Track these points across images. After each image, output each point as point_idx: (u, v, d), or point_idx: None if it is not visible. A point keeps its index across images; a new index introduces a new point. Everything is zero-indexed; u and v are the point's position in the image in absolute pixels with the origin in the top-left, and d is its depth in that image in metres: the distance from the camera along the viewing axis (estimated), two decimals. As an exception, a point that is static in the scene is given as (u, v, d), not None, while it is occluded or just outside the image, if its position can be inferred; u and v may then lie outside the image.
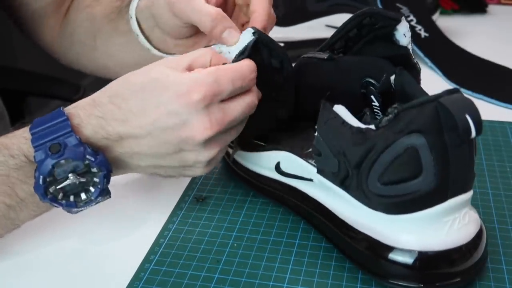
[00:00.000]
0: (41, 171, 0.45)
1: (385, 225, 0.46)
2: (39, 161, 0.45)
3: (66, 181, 0.46)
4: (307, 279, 0.48)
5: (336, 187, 0.48)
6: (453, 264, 0.45)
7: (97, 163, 0.46)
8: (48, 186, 0.46)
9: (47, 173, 0.45)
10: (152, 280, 0.49)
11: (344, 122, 0.46)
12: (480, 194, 0.57)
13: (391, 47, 0.52)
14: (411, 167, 0.43)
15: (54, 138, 0.46)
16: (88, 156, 0.46)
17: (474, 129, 0.42)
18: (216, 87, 0.46)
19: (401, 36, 0.51)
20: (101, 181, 0.47)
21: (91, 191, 0.48)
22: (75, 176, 0.46)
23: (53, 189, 0.46)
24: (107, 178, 0.47)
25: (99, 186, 0.47)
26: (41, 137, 0.46)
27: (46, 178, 0.46)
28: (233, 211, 0.56)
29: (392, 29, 0.51)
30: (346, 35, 0.53)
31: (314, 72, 0.55)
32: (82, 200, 0.48)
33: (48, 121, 0.47)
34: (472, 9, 1.07)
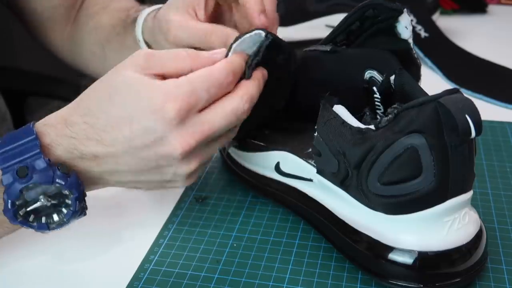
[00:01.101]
0: (9, 195, 0.43)
1: (385, 225, 0.46)
2: (6, 184, 0.43)
3: (36, 204, 0.44)
4: (307, 279, 0.48)
5: (336, 187, 0.48)
6: (453, 264, 0.45)
7: (67, 186, 0.44)
8: (17, 209, 0.44)
9: (15, 197, 0.44)
10: (151, 280, 0.49)
11: (344, 122, 0.46)
12: (480, 194, 0.57)
13: (392, 41, 0.52)
14: (411, 167, 0.43)
15: (21, 160, 0.44)
16: (58, 180, 0.44)
17: (474, 129, 0.42)
18: (191, 99, 0.44)
19: (402, 29, 0.51)
20: (73, 204, 0.45)
21: (64, 212, 0.46)
22: (46, 198, 0.44)
23: (23, 212, 0.45)
24: (79, 200, 0.45)
25: (71, 208, 0.45)
26: (9, 158, 0.44)
27: (15, 202, 0.44)
28: (233, 211, 0.56)
29: (395, 20, 0.51)
30: (349, 28, 0.53)
31: (317, 65, 0.55)
32: (54, 222, 0.46)
33: (18, 139, 0.44)
34: (472, 9, 1.07)
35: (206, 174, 0.62)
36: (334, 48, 0.54)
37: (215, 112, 0.45)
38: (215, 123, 0.45)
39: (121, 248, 0.53)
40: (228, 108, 0.46)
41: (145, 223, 0.56)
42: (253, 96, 0.47)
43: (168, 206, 0.57)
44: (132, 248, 0.53)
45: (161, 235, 0.54)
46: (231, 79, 0.46)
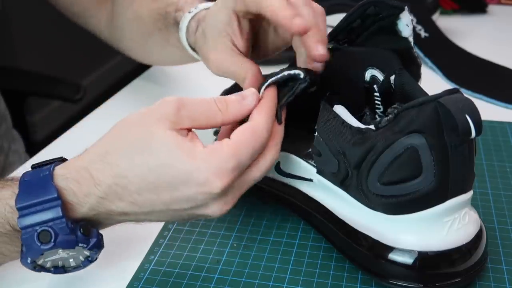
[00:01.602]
0: (30, 254, 0.43)
1: (385, 225, 0.46)
2: (27, 245, 0.42)
3: (54, 256, 0.44)
4: (307, 279, 0.48)
5: (336, 187, 0.48)
6: (453, 264, 0.45)
7: (89, 248, 0.44)
8: (36, 261, 0.44)
9: (36, 257, 0.43)
10: (151, 280, 0.49)
11: (344, 122, 0.46)
12: (480, 194, 0.57)
13: (393, 40, 0.52)
14: (411, 167, 0.43)
15: (43, 222, 0.42)
16: (80, 244, 0.43)
17: (474, 129, 0.42)
18: (237, 171, 0.43)
19: (403, 26, 0.51)
20: (91, 256, 0.45)
21: (81, 259, 0.45)
22: (65, 252, 0.44)
23: (41, 262, 0.44)
24: (97, 252, 0.46)
25: (89, 259, 0.46)
26: (29, 217, 0.42)
27: (35, 260, 0.44)
28: (233, 211, 0.56)
29: (396, 18, 0.51)
30: (350, 25, 0.53)
31: None
32: (70, 266, 0.46)
33: (37, 195, 0.42)
34: (472, 9, 1.07)
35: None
36: (336, 46, 0.54)
37: (254, 172, 0.45)
38: (253, 181, 0.46)
39: (121, 248, 0.53)
40: (266, 165, 0.46)
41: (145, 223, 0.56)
42: (281, 140, 0.48)
43: (168, 206, 0.57)
44: (132, 248, 0.53)
45: (161, 235, 0.54)
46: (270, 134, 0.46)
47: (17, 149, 0.90)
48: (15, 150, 0.89)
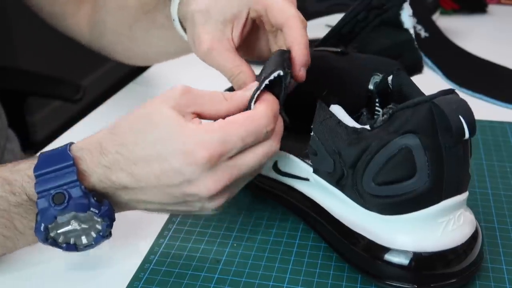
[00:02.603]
0: (43, 219, 0.44)
1: (380, 226, 0.46)
2: (41, 209, 0.44)
3: (67, 227, 0.45)
4: (307, 279, 0.48)
5: (331, 187, 0.48)
6: (448, 265, 0.45)
7: (100, 215, 0.45)
8: (49, 232, 0.45)
9: (49, 222, 0.44)
10: (152, 280, 0.49)
11: (339, 122, 0.46)
12: (480, 194, 0.57)
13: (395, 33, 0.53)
14: (405, 168, 0.43)
15: (58, 186, 0.44)
16: (92, 208, 0.44)
17: (467, 130, 0.42)
18: (223, 147, 0.44)
19: (406, 17, 0.52)
20: (103, 229, 0.46)
21: (93, 236, 0.46)
22: (77, 223, 0.45)
23: (54, 233, 0.45)
24: (109, 226, 0.46)
25: (101, 233, 0.46)
26: (45, 182, 0.44)
27: (48, 226, 0.45)
28: (233, 211, 0.56)
29: (399, 8, 0.51)
30: (355, 18, 0.53)
31: (324, 65, 0.55)
32: (82, 244, 0.47)
33: (54, 163, 0.45)
34: (472, 9, 1.07)
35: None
36: (344, 50, 0.54)
37: (246, 157, 0.45)
38: (245, 167, 0.45)
39: (122, 247, 0.53)
40: (260, 152, 0.46)
41: (145, 223, 0.56)
42: (281, 132, 0.48)
43: (168, 206, 0.57)
44: (132, 247, 0.53)
45: (161, 235, 0.54)
46: (272, 126, 0.46)
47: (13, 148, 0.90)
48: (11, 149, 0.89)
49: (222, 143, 0.44)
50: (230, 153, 0.44)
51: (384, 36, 0.54)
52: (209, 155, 0.43)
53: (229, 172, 0.45)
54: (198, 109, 0.46)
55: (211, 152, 0.43)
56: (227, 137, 0.44)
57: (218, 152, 0.43)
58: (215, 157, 0.43)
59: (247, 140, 0.45)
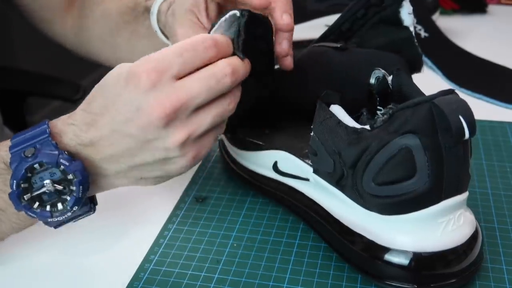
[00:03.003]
0: (15, 176, 0.44)
1: (380, 226, 0.46)
2: (14, 167, 0.44)
3: (42, 189, 0.45)
4: (307, 279, 0.48)
5: (331, 187, 0.48)
6: (448, 265, 0.45)
7: (71, 168, 0.44)
8: (23, 193, 0.45)
9: (20, 177, 0.44)
10: (152, 280, 0.49)
11: (339, 122, 0.46)
12: (480, 194, 0.57)
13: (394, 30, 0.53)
14: (405, 168, 0.43)
15: (30, 144, 0.45)
16: (62, 160, 0.44)
17: (467, 130, 0.42)
18: (160, 62, 0.44)
19: (406, 15, 0.52)
20: (76, 189, 0.45)
21: (67, 200, 0.46)
22: (51, 183, 0.45)
23: (28, 197, 0.45)
24: (83, 186, 0.45)
25: (75, 194, 0.45)
26: (19, 143, 0.45)
27: (20, 184, 0.44)
28: (233, 211, 0.56)
29: (398, 6, 0.51)
30: (354, 15, 0.53)
31: (324, 60, 0.55)
32: (58, 210, 0.46)
33: (31, 130, 0.46)
34: (472, 9, 1.07)
35: (206, 174, 0.62)
36: (344, 45, 0.54)
37: (192, 77, 0.44)
38: (192, 88, 0.44)
39: (122, 248, 0.53)
40: (206, 73, 0.45)
41: (145, 223, 0.56)
42: (236, 66, 0.46)
43: (168, 206, 0.57)
44: (132, 248, 0.53)
45: (161, 235, 0.54)
46: (209, 42, 0.45)
47: None
48: None
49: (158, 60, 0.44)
50: (170, 69, 0.44)
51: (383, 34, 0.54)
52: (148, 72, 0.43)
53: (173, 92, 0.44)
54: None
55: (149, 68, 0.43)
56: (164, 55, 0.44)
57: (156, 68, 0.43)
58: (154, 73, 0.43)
59: (185, 54, 0.44)
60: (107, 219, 0.56)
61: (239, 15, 0.47)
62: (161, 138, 0.45)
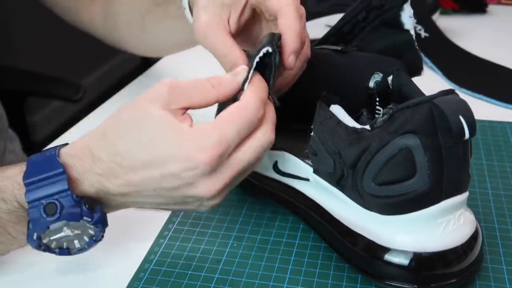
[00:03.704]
0: (36, 229, 0.44)
1: (380, 226, 0.46)
2: (33, 218, 0.44)
3: (60, 233, 0.45)
4: (307, 279, 0.48)
5: (332, 187, 0.48)
6: (448, 265, 0.45)
7: (93, 223, 0.45)
8: (41, 239, 0.45)
9: (41, 232, 0.44)
10: (152, 280, 0.49)
11: (339, 122, 0.46)
12: (480, 194, 0.57)
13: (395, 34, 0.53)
14: (405, 168, 0.43)
15: (49, 195, 0.44)
16: (85, 217, 0.44)
17: (467, 130, 0.42)
18: (221, 147, 0.43)
19: (406, 18, 0.52)
20: (96, 234, 0.46)
21: (86, 240, 0.46)
22: (70, 229, 0.45)
23: (47, 240, 0.45)
24: (102, 231, 0.46)
25: (94, 238, 0.46)
26: (36, 191, 0.44)
27: (41, 235, 0.44)
28: (233, 211, 0.56)
29: (399, 9, 0.51)
30: (355, 18, 0.53)
31: (325, 63, 0.55)
32: (75, 248, 0.46)
33: (44, 170, 0.44)
34: (472, 9, 1.07)
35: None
36: (345, 48, 0.54)
37: (244, 152, 0.44)
38: (244, 163, 0.45)
39: (122, 248, 0.53)
40: (257, 145, 0.45)
41: (145, 223, 0.56)
42: (274, 120, 0.46)
43: (168, 206, 0.57)
44: (132, 248, 0.53)
45: (161, 235, 0.54)
46: (262, 113, 0.45)
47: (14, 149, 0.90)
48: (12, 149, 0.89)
49: (219, 143, 0.43)
50: (228, 150, 0.44)
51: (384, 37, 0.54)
52: (209, 158, 0.42)
53: (228, 171, 0.44)
54: (187, 103, 0.45)
55: (210, 155, 0.42)
56: (223, 136, 0.43)
57: (217, 153, 0.43)
58: (215, 159, 0.43)
59: (242, 134, 0.44)
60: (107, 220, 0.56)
61: (271, 51, 0.46)
62: (200, 201, 0.46)
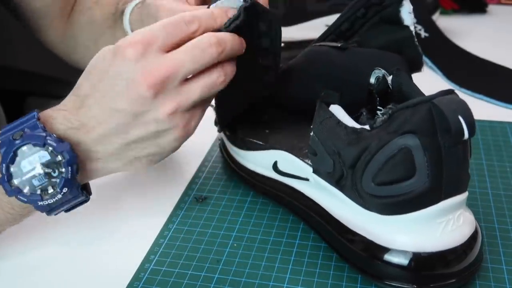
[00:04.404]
0: (4, 159, 0.45)
1: (380, 226, 0.46)
2: (3, 151, 0.45)
3: (31, 172, 0.45)
4: (307, 279, 0.48)
5: (331, 187, 0.48)
6: (448, 265, 0.45)
7: (59, 149, 0.45)
8: (13, 177, 0.45)
9: (8, 160, 0.45)
10: (152, 280, 0.49)
11: (339, 122, 0.46)
12: (480, 194, 0.57)
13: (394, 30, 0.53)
14: (404, 168, 0.43)
15: (19, 129, 0.46)
16: (50, 141, 0.45)
17: (467, 130, 0.42)
18: (146, 35, 0.45)
19: (406, 14, 0.52)
20: (65, 170, 0.45)
21: (57, 182, 0.46)
22: (40, 166, 0.45)
23: (18, 181, 0.45)
24: (71, 166, 0.45)
25: (64, 175, 0.46)
26: (9, 130, 0.46)
27: (9, 167, 0.45)
28: (233, 211, 0.56)
29: (399, 5, 0.51)
30: (354, 15, 0.53)
31: (324, 60, 0.55)
32: (48, 193, 0.46)
33: (20, 119, 0.47)
34: (472, 9, 1.07)
35: (206, 174, 0.62)
36: (345, 44, 0.54)
37: (177, 50, 0.45)
38: (178, 59, 0.45)
39: (122, 248, 0.53)
40: (190, 44, 0.46)
41: (145, 223, 0.56)
42: (221, 37, 0.46)
43: (168, 206, 0.57)
44: (132, 248, 0.53)
45: (161, 235, 0.54)
46: (188, 18, 0.46)
47: None
48: None
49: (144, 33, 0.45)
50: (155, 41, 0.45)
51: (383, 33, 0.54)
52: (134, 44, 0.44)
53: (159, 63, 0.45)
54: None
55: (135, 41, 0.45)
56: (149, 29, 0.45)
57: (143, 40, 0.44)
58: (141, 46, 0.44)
59: (168, 28, 0.45)
60: (107, 219, 0.56)
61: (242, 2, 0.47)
62: (151, 110, 0.46)
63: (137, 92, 0.45)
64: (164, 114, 0.46)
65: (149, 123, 0.46)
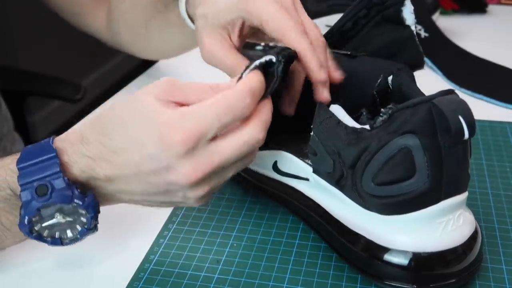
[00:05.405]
0: (27, 212, 0.44)
1: (380, 226, 0.46)
2: (25, 201, 0.44)
3: (52, 220, 0.45)
4: (307, 279, 0.48)
5: (331, 187, 0.48)
6: (448, 265, 0.45)
7: (84, 206, 0.44)
8: (33, 225, 0.45)
9: (32, 215, 0.44)
10: (152, 280, 0.49)
11: (339, 122, 0.46)
12: (480, 194, 0.57)
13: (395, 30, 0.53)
14: (404, 168, 0.43)
15: (41, 178, 0.44)
16: (76, 200, 0.44)
17: (467, 130, 0.42)
18: (199, 128, 0.42)
19: (408, 14, 0.52)
20: (88, 222, 0.45)
21: (78, 229, 0.46)
22: (61, 215, 0.45)
23: (39, 227, 0.45)
24: (94, 219, 0.46)
25: (86, 226, 0.46)
26: (28, 174, 0.44)
27: (32, 219, 0.44)
28: (233, 211, 0.56)
29: (401, 5, 0.51)
30: (356, 15, 0.54)
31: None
32: (68, 238, 0.46)
33: (37, 155, 0.45)
34: (472, 9, 1.07)
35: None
36: (354, 53, 0.54)
37: (226, 143, 0.44)
38: (226, 154, 0.44)
39: (122, 248, 0.53)
40: (241, 139, 0.44)
41: (145, 223, 0.56)
42: (267, 121, 0.45)
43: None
44: (132, 248, 0.53)
45: (161, 235, 0.54)
46: (248, 101, 0.43)
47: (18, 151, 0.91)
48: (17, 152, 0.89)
49: (196, 124, 0.42)
50: (207, 134, 0.43)
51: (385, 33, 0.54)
52: (185, 138, 0.42)
53: (208, 157, 0.43)
54: (183, 98, 0.44)
55: (186, 135, 0.42)
56: (201, 118, 0.42)
57: (192, 134, 0.42)
58: (191, 140, 0.42)
59: (223, 120, 0.43)
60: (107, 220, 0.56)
61: (275, 60, 0.45)
62: (183, 191, 0.45)
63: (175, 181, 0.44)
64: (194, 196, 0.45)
65: (177, 197, 0.46)
